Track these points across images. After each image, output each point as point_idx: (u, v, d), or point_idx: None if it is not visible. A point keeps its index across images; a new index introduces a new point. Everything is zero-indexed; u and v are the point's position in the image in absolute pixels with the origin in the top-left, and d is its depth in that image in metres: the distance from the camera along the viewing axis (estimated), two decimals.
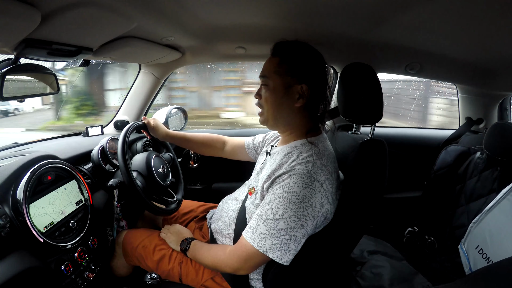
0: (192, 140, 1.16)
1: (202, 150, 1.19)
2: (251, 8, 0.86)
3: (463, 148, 1.34)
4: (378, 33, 1.01)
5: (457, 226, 1.25)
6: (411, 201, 1.56)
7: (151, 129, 1.14)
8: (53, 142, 1.26)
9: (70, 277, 0.83)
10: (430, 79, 2.31)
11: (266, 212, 0.72)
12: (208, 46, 1.26)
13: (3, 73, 0.76)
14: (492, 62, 1.16)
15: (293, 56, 0.78)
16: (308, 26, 0.98)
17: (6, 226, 0.70)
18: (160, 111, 1.52)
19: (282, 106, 0.79)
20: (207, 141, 1.17)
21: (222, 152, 1.18)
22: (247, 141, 1.12)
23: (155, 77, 1.47)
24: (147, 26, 0.90)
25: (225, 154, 1.18)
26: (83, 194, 0.93)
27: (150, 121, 1.14)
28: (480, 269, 0.48)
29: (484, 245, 0.97)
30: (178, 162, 1.29)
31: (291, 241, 0.70)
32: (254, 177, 0.87)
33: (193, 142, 1.17)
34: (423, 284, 1.06)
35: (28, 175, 0.76)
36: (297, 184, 0.70)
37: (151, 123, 1.13)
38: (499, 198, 0.98)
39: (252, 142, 1.11)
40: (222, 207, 1.00)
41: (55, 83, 0.94)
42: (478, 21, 0.79)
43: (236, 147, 1.15)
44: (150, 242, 0.99)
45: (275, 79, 0.79)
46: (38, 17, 0.60)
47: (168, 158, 1.22)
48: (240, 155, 1.14)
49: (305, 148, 0.77)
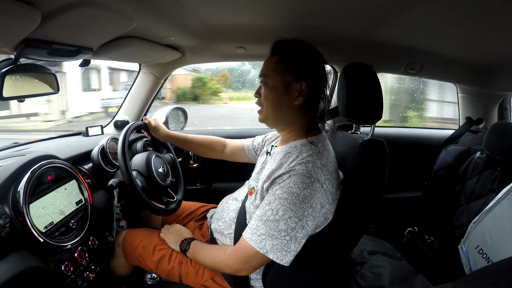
0: (193, 142, 1.16)
1: (203, 152, 1.19)
2: (251, 8, 0.86)
3: (463, 148, 1.34)
4: (378, 33, 1.01)
5: (457, 226, 1.25)
6: (411, 201, 1.56)
7: (152, 129, 1.14)
8: (53, 142, 1.26)
9: (70, 277, 0.83)
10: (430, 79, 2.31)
11: (266, 213, 0.72)
12: (208, 46, 1.26)
13: (3, 73, 0.76)
14: (492, 62, 1.16)
15: (292, 54, 0.78)
16: (308, 26, 0.98)
17: (6, 226, 0.70)
18: (160, 111, 1.52)
19: (281, 104, 0.79)
20: (207, 143, 1.17)
21: (222, 155, 1.18)
22: (246, 143, 1.12)
23: (155, 77, 1.47)
24: (147, 26, 0.90)
25: (225, 156, 1.18)
26: (83, 194, 0.93)
27: (151, 121, 1.14)
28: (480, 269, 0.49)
29: (484, 245, 0.97)
30: (178, 162, 1.29)
31: (291, 242, 0.70)
32: (254, 177, 0.87)
33: (194, 143, 1.17)
34: (423, 284, 1.06)
35: (28, 175, 0.76)
36: (297, 184, 0.69)
37: (152, 123, 1.13)
38: (499, 198, 0.98)
39: (251, 143, 1.11)
40: (223, 207, 1.00)
41: (55, 83, 0.94)
42: (478, 21, 0.79)
43: (236, 149, 1.15)
44: (150, 242, 0.98)
45: (274, 78, 0.79)
46: (38, 17, 0.60)
47: (168, 158, 1.22)
48: (240, 157, 1.14)
49: (304, 148, 0.77)
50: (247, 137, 1.15)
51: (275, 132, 1.03)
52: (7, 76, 0.78)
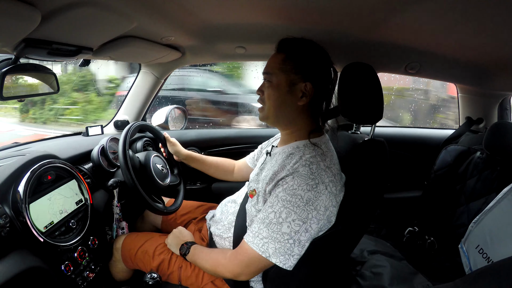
0: (210, 164, 1.18)
1: (214, 173, 1.20)
2: (251, 8, 0.86)
3: (463, 148, 1.34)
4: (378, 33, 1.01)
5: (457, 225, 1.25)
6: (411, 201, 1.56)
7: (170, 144, 1.17)
8: (53, 141, 1.26)
9: (70, 276, 0.83)
10: (430, 79, 2.31)
11: (268, 215, 0.70)
12: (208, 46, 1.26)
13: (3, 73, 0.76)
14: (492, 62, 1.16)
15: (299, 53, 0.77)
16: (308, 26, 0.98)
17: (6, 226, 0.70)
18: (160, 111, 1.52)
19: (284, 103, 0.78)
20: (220, 165, 1.19)
21: (232, 176, 1.20)
22: (248, 158, 1.15)
23: (155, 76, 1.47)
24: (147, 26, 0.90)
25: (234, 177, 1.20)
26: (83, 194, 0.93)
27: (169, 137, 1.17)
28: (480, 269, 0.48)
29: (484, 244, 0.97)
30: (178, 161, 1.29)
31: (295, 245, 0.68)
32: (254, 179, 0.85)
33: (209, 165, 1.18)
34: (423, 284, 1.06)
35: (28, 174, 0.76)
36: (301, 186, 0.68)
37: (170, 139, 1.17)
38: (499, 198, 0.98)
39: (251, 156, 1.13)
40: (221, 210, 0.99)
41: (55, 82, 0.94)
42: (478, 21, 0.79)
43: (242, 167, 1.17)
44: (150, 247, 0.97)
45: (279, 76, 0.77)
46: (38, 17, 0.60)
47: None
48: (246, 173, 1.15)
49: (307, 149, 0.75)
50: (247, 137, 1.16)
51: (272, 139, 1.03)
52: (7, 76, 0.78)
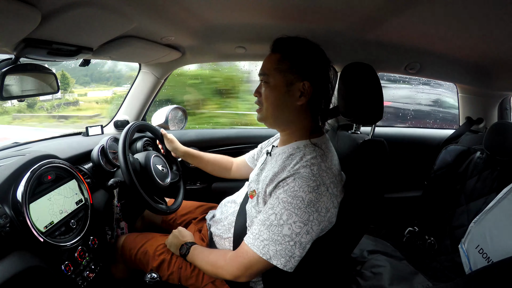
0: (208, 161, 1.18)
1: (212, 170, 1.20)
2: (251, 8, 0.86)
3: (463, 148, 1.34)
4: (378, 33, 1.01)
5: (457, 225, 1.25)
6: (411, 201, 1.56)
7: (168, 141, 1.16)
8: (53, 141, 1.26)
9: (70, 276, 0.83)
10: (430, 79, 2.31)
11: (269, 217, 0.69)
12: (208, 46, 1.26)
13: (3, 73, 0.76)
14: (492, 62, 1.16)
15: (294, 52, 0.76)
16: (308, 26, 0.98)
17: (6, 226, 0.70)
18: (160, 111, 1.52)
19: (283, 104, 0.77)
20: (218, 162, 1.19)
21: (230, 173, 1.19)
22: (247, 156, 1.14)
23: (155, 76, 1.47)
24: (147, 25, 0.90)
25: (232, 175, 1.19)
26: (83, 194, 0.93)
27: (167, 134, 1.17)
28: (480, 269, 0.49)
29: (484, 244, 0.97)
30: (179, 161, 1.29)
31: (295, 247, 0.68)
32: (254, 179, 0.84)
33: (204, 161, 1.18)
34: (423, 284, 1.06)
35: (28, 174, 0.76)
36: (302, 188, 0.67)
37: (167, 135, 1.16)
38: (499, 198, 0.98)
39: (251, 155, 1.12)
40: (221, 210, 0.99)
41: (55, 82, 0.94)
42: (478, 21, 0.79)
43: (240, 165, 1.17)
44: (149, 247, 0.97)
45: (276, 76, 0.76)
46: (38, 17, 0.60)
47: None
48: (245, 172, 1.14)
49: (308, 150, 0.74)
50: (247, 137, 1.16)
51: (271, 139, 1.03)
52: (7, 76, 0.78)
